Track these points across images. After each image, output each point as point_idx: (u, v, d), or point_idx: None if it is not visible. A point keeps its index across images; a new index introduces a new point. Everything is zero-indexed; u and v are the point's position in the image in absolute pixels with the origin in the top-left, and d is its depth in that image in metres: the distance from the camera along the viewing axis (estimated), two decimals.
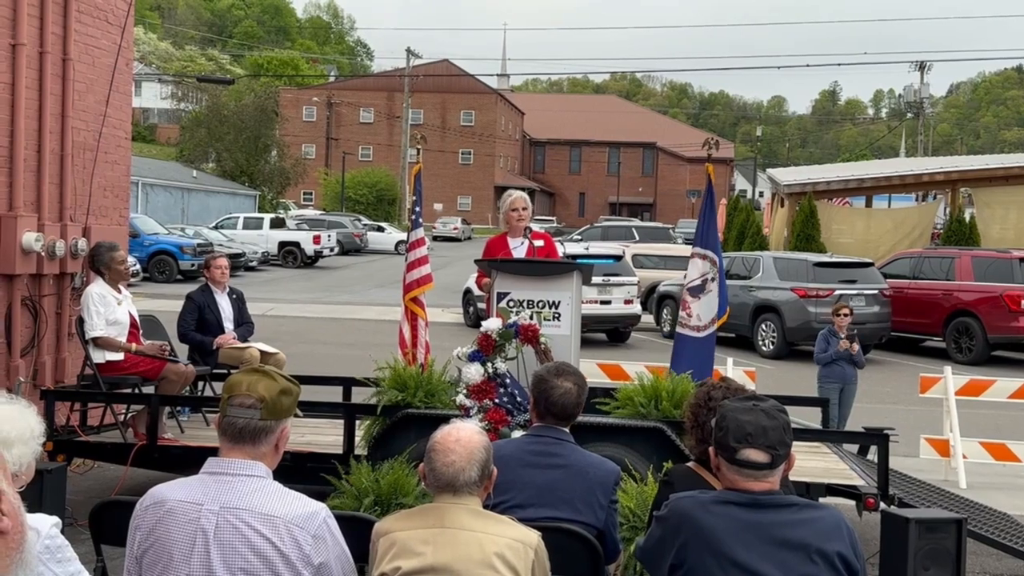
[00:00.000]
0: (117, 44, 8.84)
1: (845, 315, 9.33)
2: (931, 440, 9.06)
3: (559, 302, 6.24)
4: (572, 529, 3.42)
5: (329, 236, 38.61)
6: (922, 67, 53.60)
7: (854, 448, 7.17)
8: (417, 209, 7.94)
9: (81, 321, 7.04)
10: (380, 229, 49.18)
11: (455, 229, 55.22)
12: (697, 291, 7.14)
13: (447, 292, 22.29)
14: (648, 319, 19.91)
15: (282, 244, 36.87)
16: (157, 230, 30.33)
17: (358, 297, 26.49)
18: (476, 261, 6.80)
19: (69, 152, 8.20)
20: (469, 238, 55.74)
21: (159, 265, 28.58)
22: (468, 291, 20.29)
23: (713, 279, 7.09)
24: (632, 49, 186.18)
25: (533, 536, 2.78)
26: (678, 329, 7.30)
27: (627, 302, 18.07)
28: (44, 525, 2.61)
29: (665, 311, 19.56)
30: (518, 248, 6.91)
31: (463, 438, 2.79)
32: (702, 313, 7.11)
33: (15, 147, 7.62)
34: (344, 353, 14.98)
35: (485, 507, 2.85)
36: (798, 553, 2.57)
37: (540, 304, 6.22)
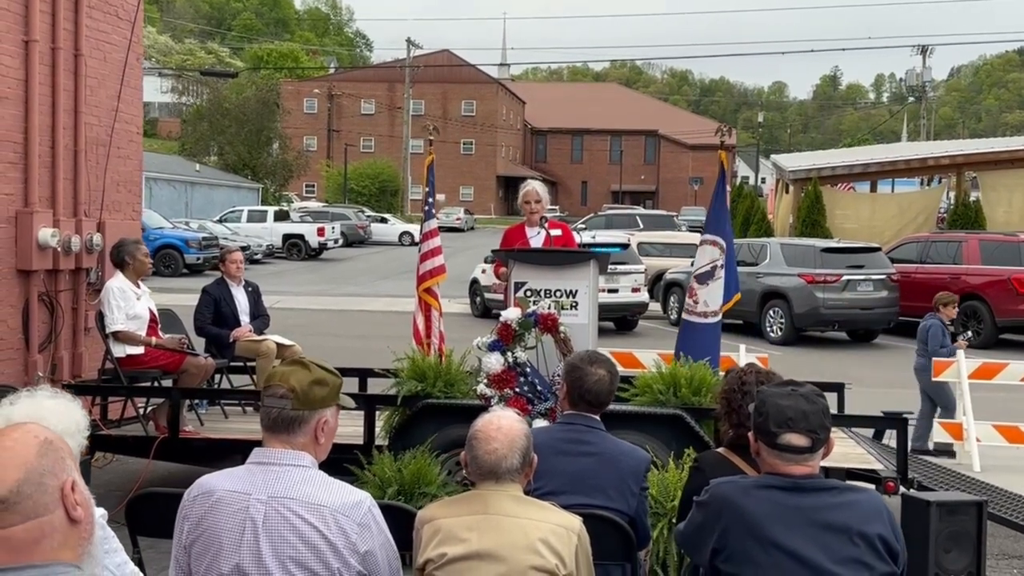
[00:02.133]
0: (127, 39, 8.85)
1: (955, 306, 9.52)
2: (944, 424, 9.09)
3: (576, 291, 6.25)
4: (606, 516, 3.45)
5: (333, 228, 38.63)
6: (924, 51, 53.48)
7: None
8: (430, 200, 7.94)
9: (101, 316, 7.08)
10: (383, 220, 49.19)
11: (458, 220, 55.12)
12: (705, 278, 7.12)
13: (452, 282, 22.14)
14: (655, 307, 19.93)
15: (286, 236, 36.89)
16: (162, 224, 30.34)
17: (364, 289, 26.51)
18: (493, 251, 6.81)
19: (82, 148, 8.24)
20: (472, 228, 55.67)
21: (165, 259, 28.59)
22: (475, 281, 20.32)
23: (722, 265, 7.07)
24: (632, 36, 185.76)
25: (576, 521, 2.82)
26: (684, 316, 7.27)
27: (634, 290, 18.09)
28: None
29: (672, 299, 19.57)
30: (535, 238, 6.92)
31: (504, 426, 2.82)
32: (709, 300, 7.07)
33: (30, 143, 7.66)
34: (354, 345, 15.02)
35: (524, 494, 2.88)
36: (840, 536, 2.60)
37: (558, 293, 6.24)
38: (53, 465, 1.71)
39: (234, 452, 5.79)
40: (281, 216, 38.80)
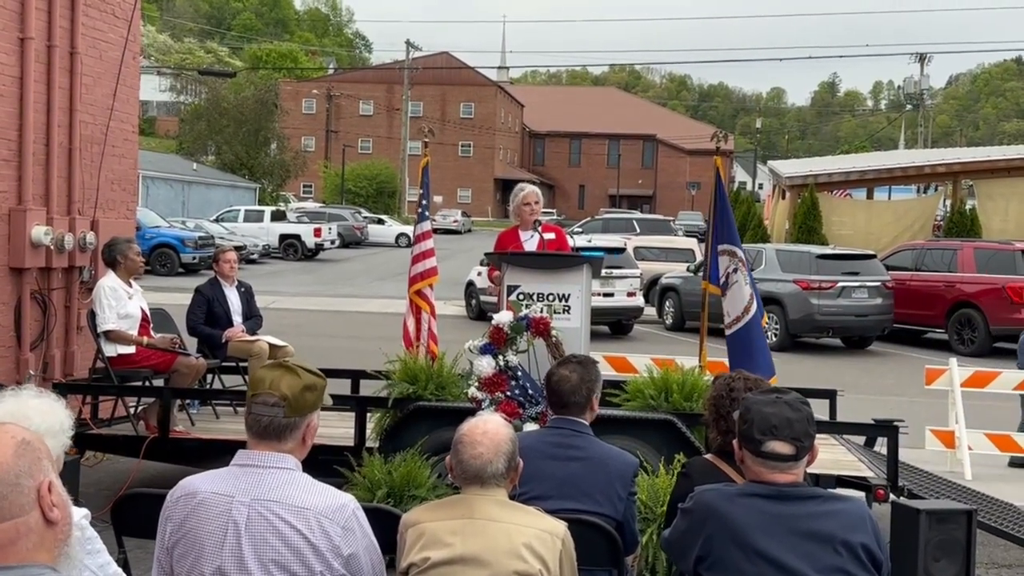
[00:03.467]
0: (124, 37, 8.84)
1: None
2: (936, 432, 9.08)
3: (569, 295, 6.24)
4: (592, 521, 3.44)
5: (330, 229, 38.62)
6: (922, 59, 53.63)
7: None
8: (424, 202, 7.94)
9: (93, 315, 7.06)
10: (380, 222, 49.19)
11: (455, 222, 55.15)
12: (725, 289, 7.08)
13: (449, 285, 22.24)
14: (650, 311, 19.93)
15: (283, 237, 36.87)
16: (158, 223, 30.30)
17: (360, 290, 26.49)
18: (487, 254, 6.81)
19: (77, 146, 8.22)
20: (469, 231, 55.68)
21: (161, 258, 28.56)
22: (470, 283, 20.31)
23: (735, 270, 7.01)
24: (631, 41, 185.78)
25: (560, 527, 2.81)
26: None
27: (630, 295, 18.10)
28: (75, 516, 2.64)
29: (667, 303, 19.58)
30: (529, 241, 6.92)
31: (490, 430, 2.82)
32: (731, 309, 7.00)
33: (24, 141, 7.64)
34: (348, 346, 15.00)
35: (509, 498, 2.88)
36: (823, 544, 2.60)
37: (550, 297, 6.24)
38: (30, 466, 1.71)
39: (224, 453, 5.73)
40: (278, 216, 38.78)
